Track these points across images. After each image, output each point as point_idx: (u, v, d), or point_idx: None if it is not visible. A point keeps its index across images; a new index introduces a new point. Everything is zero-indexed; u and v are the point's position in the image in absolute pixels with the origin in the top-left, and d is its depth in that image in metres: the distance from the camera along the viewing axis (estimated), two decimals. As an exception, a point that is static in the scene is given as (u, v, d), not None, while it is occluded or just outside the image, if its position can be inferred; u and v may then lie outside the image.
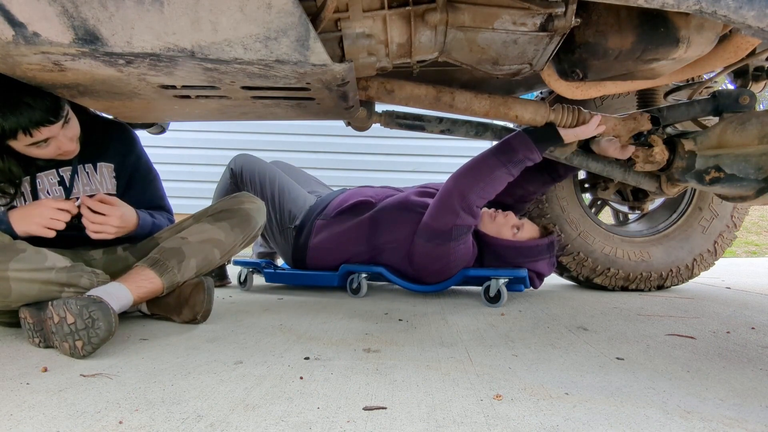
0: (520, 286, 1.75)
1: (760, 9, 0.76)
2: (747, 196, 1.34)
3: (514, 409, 0.77)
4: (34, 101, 1.11)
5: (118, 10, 0.79)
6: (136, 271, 1.24)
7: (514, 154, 1.51)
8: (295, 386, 0.85)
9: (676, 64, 1.18)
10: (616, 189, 2.07)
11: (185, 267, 1.30)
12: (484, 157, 1.56)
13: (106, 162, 1.40)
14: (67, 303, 1.01)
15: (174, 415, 0.73)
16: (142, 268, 1.25)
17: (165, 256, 1.28)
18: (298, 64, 0.94)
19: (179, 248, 1.31)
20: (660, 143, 1.45)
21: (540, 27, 1.05)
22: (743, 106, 1.43)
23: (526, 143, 1.49)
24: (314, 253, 1.87)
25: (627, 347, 1.14)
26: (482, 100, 1.45)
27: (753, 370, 1.00)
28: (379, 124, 1.68)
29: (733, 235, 2.09)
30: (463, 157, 4.85)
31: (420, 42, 1.10)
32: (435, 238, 1.60)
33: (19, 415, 0.72)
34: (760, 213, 6.32)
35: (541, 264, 1.72)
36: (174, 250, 1.30)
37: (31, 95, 1.10)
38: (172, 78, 1.02)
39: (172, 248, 1.31)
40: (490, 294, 1.64)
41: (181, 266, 1.29)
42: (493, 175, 1.53)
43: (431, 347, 1.12)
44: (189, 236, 1.35)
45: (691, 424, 0.72)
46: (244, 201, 1.49)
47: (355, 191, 1.98)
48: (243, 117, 1.44)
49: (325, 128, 4.24)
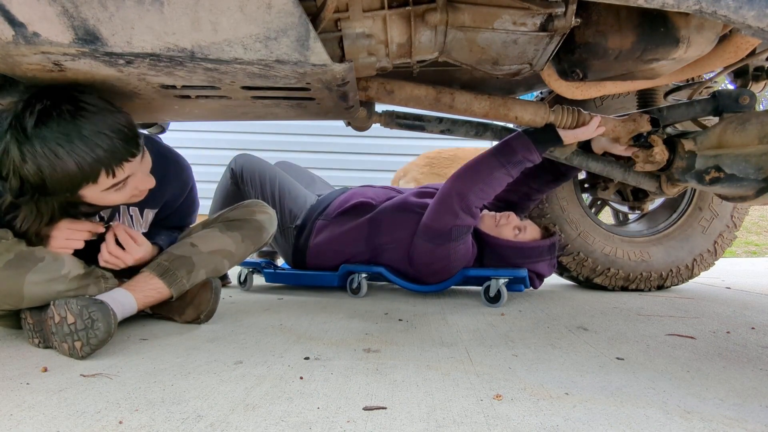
0: (520, 286, 1.75)
1: (760, 9, 0.76)
2: (747, 196, 1.34)
3: (514, 409, 0.77)
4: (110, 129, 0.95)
5: (118, 10, 0.79)
6: (144, 279, 1.21)
7: (514, 154, 1.51)
8: (295, 386, 0.85)
9: (676, 64, 1.18)
10: (616, 189, 2.07)
11: (194, 277, 1.28)
12: (483, 158, 1.56)
13: (153, 208, 1.31)
14: (68, 303, 1.02)
15: (174, 415, 0.73)
16: (150, 275, 1.22)
17: (174, 265, 1.25)
18: (298, 64, 0.94)
19: (189, 258, 1.28)
20: (660, 143, 1.45)
21: (540, 27, 1.05)
22: (743, 106, 1.43)
23: (526, 144, 1.49)
24: (314, 254, 1.87)
25: (627, 347, 1.14)
26: (482, 101, 1.45)
27: (753, 370, 1.00)
28: (379, 124, 1.68)
29: (733, 235, 2.09)
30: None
31: (420, 42, 1.10)
32: (434, 239, 1.60)
33: (19, 415, 0.72)
34: (760, 213, 6.31)
35: (542, 265, 1.72)
36: (184, 258, 1.27)
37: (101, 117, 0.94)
38: (172, 78, 1.02)
39: (182, 256, 1.27)
40: (490, 294, 1.64)
41: (191, 276, 1.27)
42: (493, 175, 1.53)
43: (431, 347, 1.12)
44: (200, 244, 1.32)
45: (691, 424, 0.72)
46: (257, 211, 1.47)
47: (355, 191, 1.98)
48: (243, 117, 1.44)
49: (325, 128, 4.24)
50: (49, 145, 0.91)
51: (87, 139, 0.93)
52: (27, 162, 0.92)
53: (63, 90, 0.97)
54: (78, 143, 0.93)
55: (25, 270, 1.04)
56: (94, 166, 0.95)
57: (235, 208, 1.49)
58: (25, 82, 1.05)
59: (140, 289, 1.20)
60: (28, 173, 0.93)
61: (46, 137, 0.91)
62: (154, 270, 1.23)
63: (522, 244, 1.69)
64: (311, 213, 1.92)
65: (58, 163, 0.93)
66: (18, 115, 0.93)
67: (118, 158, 0.98)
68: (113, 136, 0.96)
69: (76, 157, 0.93)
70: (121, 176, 1.01)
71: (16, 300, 1.05)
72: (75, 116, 0.93)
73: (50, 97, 0.95)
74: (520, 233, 1.73)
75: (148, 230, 1.37)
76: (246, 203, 1.51)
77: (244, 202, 1.52)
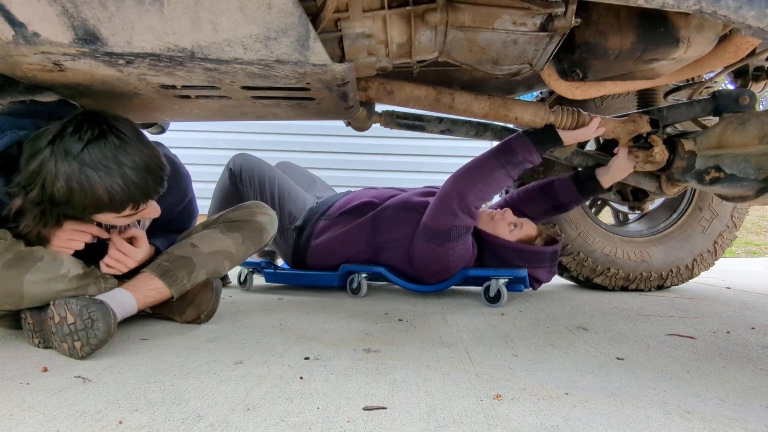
0: (519, 286, 1.75)
1: (760, 9, 0.76)
2: (747, 196, 1.34)
3: (514, 409, 0.77)
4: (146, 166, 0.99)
5: (118, 10, 0.79)
6: (145, 279, 1.21)
7: (514, 155, 1.51)
8: (295, 386, 0.85)
9: (676, 64, 1.18)
10: (616, 189, 2.07)
11: (195, 278, 1.28)
12: (483, 158, 1.56)
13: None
14: (68, 303, 1.01)
15: (174, 415, 0.73)
16: (150, 276, 1.22)
17: (175, 265, 1.25)
18: (298, 64, 0.94)
19: (190, 258, 1.28)
20: (660, 143, 1.45)
21: (540, 27, 1.05)
22: (743, 106, 1.43)
23: (526, 145, 1.49)
24: (315, 254, 1.86)
25: (627, 347, 1.14)
26: (482, 102, 1.45)
27: (753, 370, 1.00)
28: (379, 124, 1.68)
29: (733, 235, 2.09)
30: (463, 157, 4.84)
31: (420, 42, 1.10)
32: (434, 239, 1.60)
33: (19, 415, 0.72)
34: (760, 213, 6.31)
35: (541, 271, 1.71)
36: (184, 259, 1.27)
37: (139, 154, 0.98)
38: (172, 78, 1.03)
39: (183, 257, 1.27)
40: (490, 294, 1.64)
41: (191, 276, 1.27)
42: (492, 176, 1.53)
43: (431, 347, 1.12)
44: (200, 245, 1.32)
45: (691, 424, 0.72)
46: (257, 212, 1.47)
47: (359, 193, 1.98)
48: (243, 117, 1.44)
49: (326, 128, 4.24)
50: (87, 172, 0.95)
51: (125, 175, 0.97)
52: (60, 181, 0.95)
53: (105, 119, 1.00)
54: (116, 176, 0.96)
55: (25, 270, 1.04)
56: (125, 200, 1.00)
57: (236, 209, 1.49)
58: (25, 82, 1.06)
59: (140, 290, 1.20)
60: (57, 191, 0.96)
61: (86, 162, 0.94)
62: (154, 270, 1.23)
63: (523, 247, 1.69)
64: (312, 214, 1.92)
65: (90, 189, 0.96)
66: (63, 135, 0.95)
67: (146, 195, 1.03)
68: (147, 174, 1.00)
69: (110, 189, 0.97)
70: (142, 209, 1.05)
71: (16, 300, 1.05)
72: (118, 149, 0.97)
73: (97, 124, 0.97)
74: (515, 229, 1.72)
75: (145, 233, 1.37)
76: (247, 204, 1.51)
77: (244, 203, 1.52)
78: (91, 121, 0.98)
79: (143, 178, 1.00)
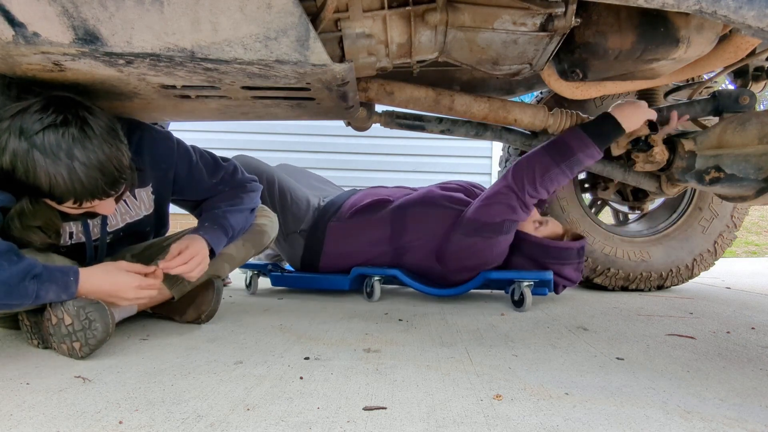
0: (544, 290, 1.69)
1: (760, 9, 0.76)
2: (747, 196, 1.34)
3: (514, 409, 0.77)
4: (100, 166, 0.94)
5: (118, 10, 0.79)
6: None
7: (569, 152, 1.47)
8: (295, 386, 0.85)
9: (676, 64, 1.18)
10: (616, 189, 2.08)
11: (195, 280, 1.26)
12: (540, 153, 1.53)
13: (144, 187, 1.28)
14: (64, 304, 1.01)
15: (174, 415, 0.73)
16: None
17: None
18: (298, 64, 0.94)
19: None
20: (660, 143, 1.46)
21: (540, 27, 1.05)
22: (743, 106, 1.44)
23: (582, 139, 1.45)
24: (329, 257, 1.80)
25: (627, 347, 1.14)
26: (481, 104, 1.45)
27: (753, 370, 1.00)
28: (379, 124, 1.68)
29: (733, 235, 2.09)
30: (463, 157, 4.81)
31: (420, 42, 1.10)
32: (482, 232, 1.57)
33: (19, 415, 0.72)
34: (760, 213, 6.32)
35: (569, 269, 1.66)
36: None
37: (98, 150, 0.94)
38: (172, 78, 1.03)
39: None
40: (515, 297, 1.62)
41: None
42: (549, 173, 1.50)
43: (431, 347, 1.12)
44: None
45: (691, 424, 0.72)
46: (258, 215, 1.46)
47: (368, 191, 1.92)
48: (243, 117, 1.44)
49: (326, 128, 4.24)
50: (35, 154, 0.90)
51: (72, 169, 0.92)
52: (5, 155, 0.92)
53: (75, 107, 0.95)
54: (62, 167, 0.91)
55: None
56: (65, 193, 0.94)
57: None
58: (23, 82, 1.05)
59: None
60: (2, 163, 0.93)
61: (36, 145, 0.90)
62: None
63: (550, 243, 1.64)
64: (321, 215, 1.84)
65: (33, 172, 0.91)
66: (27, 111, 0.92)
67: (92, 195, 0.96)
68: (98, 173, 0.94)
69: (52, 178, 0.92)
70: (87, 206, 1.00)
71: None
72: (75, 141, 0.92)
73: (65, 110, 0.93)
74: (541, 227, 1.69)
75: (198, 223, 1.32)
76: None
77: None
78: (59, 106, 0.93)
79: (92, 176, 0.94)
